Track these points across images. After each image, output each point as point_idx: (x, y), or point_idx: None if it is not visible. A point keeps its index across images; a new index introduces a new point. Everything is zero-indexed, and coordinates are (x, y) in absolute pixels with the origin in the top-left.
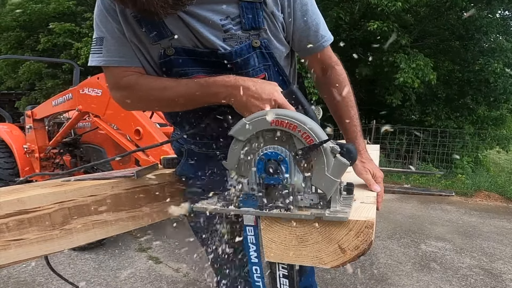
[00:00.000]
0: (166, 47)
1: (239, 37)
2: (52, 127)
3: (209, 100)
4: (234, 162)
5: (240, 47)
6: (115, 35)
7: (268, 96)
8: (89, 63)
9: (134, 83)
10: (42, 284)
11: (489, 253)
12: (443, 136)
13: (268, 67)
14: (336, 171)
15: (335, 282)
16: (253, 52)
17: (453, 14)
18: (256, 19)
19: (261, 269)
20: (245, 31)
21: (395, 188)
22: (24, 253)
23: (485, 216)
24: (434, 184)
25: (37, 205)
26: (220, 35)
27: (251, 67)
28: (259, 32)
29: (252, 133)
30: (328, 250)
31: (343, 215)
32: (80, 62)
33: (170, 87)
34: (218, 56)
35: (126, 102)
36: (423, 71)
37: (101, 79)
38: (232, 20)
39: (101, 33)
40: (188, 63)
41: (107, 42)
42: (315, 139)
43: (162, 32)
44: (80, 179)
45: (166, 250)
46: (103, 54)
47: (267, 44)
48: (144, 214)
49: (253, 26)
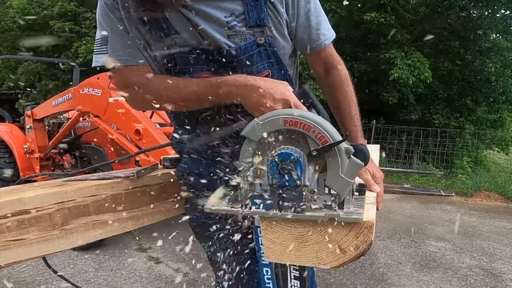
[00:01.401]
0: (170, 45)
1: (244, 34)
2: (52, 127)
3: (220, 99)
4: (246, 163)
5: (245, 44)
6: (119, 34)
7: (281, 96)
8: (94, 63)
9: (144, 83)
10: (42, 284)
11: (489, 253)
12: (443, 136)
13: (271, 64)
14: (350, 172)
15: (335, 282)
16: (258, 49)
17: (452, 14)
18: (260, 16)
19: (271, 270)
20: (249, 28)
21: (395, 188)
22: (24, 253)
23: (485, 216)
24: (434, 184)
25: (37, 205)
26: (224, 32)
27: (255, 64)
28: (264, 29)
29: (265, 134)
30: (328, 251)
31: (357, 216)
32: (79, 62)
33: (181, 87)
34: (222, 53)
35: (136, 102)
36: (419, 68)
37: (101, 79)
38: (236, 17)
39: (105, 32)
40: (192, 61)
41: (112, 41)
42: (330, 140)
43: (165, 30)
44: (80, 179)
45: (166, 250)
46: (109, 54)
47: (271, 41)
48: (144, 214)
49: (257, 23)
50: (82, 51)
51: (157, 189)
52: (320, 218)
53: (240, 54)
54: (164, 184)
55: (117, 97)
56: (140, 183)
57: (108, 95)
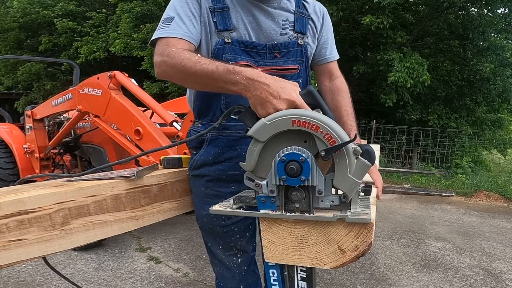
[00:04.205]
0: (226, 36)
1: (291, 35)
2: (52, 127)
3: (228, 86)
4: (252, 163)
5: (289, 42)
6: (187, 16)
7: (287, 96)
8: (153, 37)
9: (176, 52)
10: (42, 283)
11: (489, 253)
12: (443, 136)
13: (302, 62)
14: (358, 172)
15: (335, 282)
16: (297, 48)
17: (452, 14)
18: (304, 27)
19: (278, 272)
20: (295, 32)
21: (395, 188)
22: (24, 253)
23: (485, 216)
24: (434, 184)
25: (37, 206)
26: (278, 30)
27: (290, 57)
28: (304, 36)
29: (273, 134)
30: (327, 251)
31: (365, 216)
32: (79, 62)
33: (202, 63)
34: (268, 46)
35: (160, 67)
36: (418, 71)
37: (101, 79)
38: (289, 23)
39: (173, 13)
40: (238, 52)
41: (176, 21)
42: (338, 140)
43: (227, 24)
44: (80, 180)
45: (166, 250)
46: (169, 28)
47: (306, 45)
48: (144, 214)
49: (301, 31)
50: (82, 51)
51: (157, 189)
52: (329, 219)
53: (284, 47)
54: (164, 184)
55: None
56: (140, 183)
57: (108, 95)
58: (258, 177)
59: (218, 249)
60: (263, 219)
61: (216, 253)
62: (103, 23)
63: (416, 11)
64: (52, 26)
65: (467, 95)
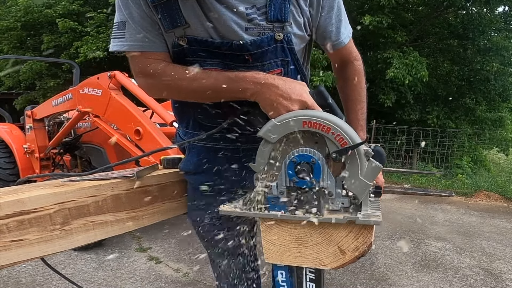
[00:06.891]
0: (180, 36)
1: (262, 28)
2: (52, 127)
3: (236, 95)
4: (262, 165)
5: (261, 38)
6: (136, 20)
7: (297, 97)
8: (111, 48)
9: (161, 71)
10: (42, 283)
11: (489, 253)
12: (443, 136)
13: (286, 63)
14: (369, 174)
15: (335, 282)
16: (274, 45)
17: (452, 13)
18: (282, 11)
19: (286, 273)
20: (269, 22)
21: (395, 188)
22: (24, 253)
23: (485, 216)
24: (434, 184)
25: (37, 206)
26: (243, 24)
27: (267, 60)
28: (284, 25)
29: (283, 135)
30: (328, 252)
31: (376, 218)
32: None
33: (199, 78)
34: (234, 47)
35: (152, 90)
36: (416, 68)
37: (101, 79)
38: (257, 10)
39: (123, 17)
40: (201, 54)
41: (129, 26)
42: (349, 142)
43: (176, 20)
44: (80, 180)
45: (166, 250)
46: (126, 38)
47: (289, 38)
48: (144, 214)
49: (278, 18)
50: (82, 51)
51: (157, 189)
52: (339, 221)
53: (254, 48)
54: (164, 184)
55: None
56: (140, 183)
57: (108, 95)
58: (268, 178)
59: (212, 252)
60: (263, 219)
61: (209, 254)
62: (103, 23)
63: (416, 10)
64: (54, 25)
65: (466, 94)
